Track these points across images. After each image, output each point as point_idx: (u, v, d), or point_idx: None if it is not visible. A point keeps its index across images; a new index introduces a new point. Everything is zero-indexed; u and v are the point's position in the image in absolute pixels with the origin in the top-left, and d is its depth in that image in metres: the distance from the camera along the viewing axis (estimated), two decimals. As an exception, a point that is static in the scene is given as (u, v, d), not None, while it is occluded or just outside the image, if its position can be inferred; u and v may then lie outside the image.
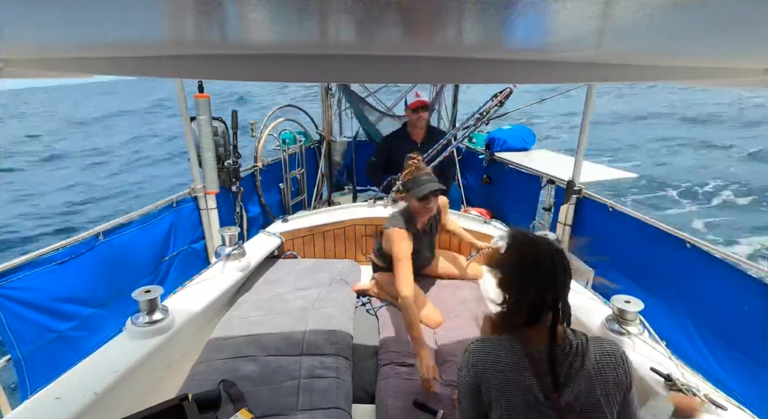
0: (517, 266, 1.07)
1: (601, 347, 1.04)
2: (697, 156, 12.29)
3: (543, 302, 1.02)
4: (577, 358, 1.01)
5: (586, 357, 1.00)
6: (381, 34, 0.76)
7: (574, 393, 0.99)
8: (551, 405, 1.00)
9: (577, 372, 1.00)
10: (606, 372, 1.01)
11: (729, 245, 6.73)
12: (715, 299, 2.04)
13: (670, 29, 0.65)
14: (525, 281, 1.05)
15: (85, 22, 0.64)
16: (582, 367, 1.00)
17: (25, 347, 1.86)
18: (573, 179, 2.86)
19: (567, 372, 1.00)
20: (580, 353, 1.01)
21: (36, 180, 13.62)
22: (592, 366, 1.00)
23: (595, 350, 1.02)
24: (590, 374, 1.00)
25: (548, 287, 1.02)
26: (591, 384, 0.99)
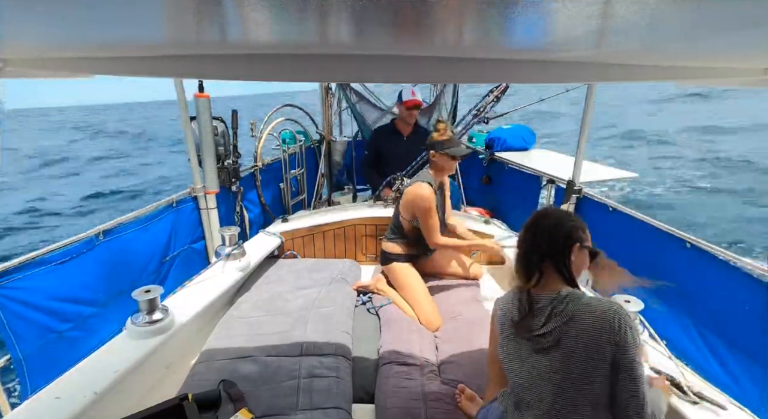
0: (523, 229, 1.28)
1: (593, 302, 1.13)
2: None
3: (530, 261, 1.22)
4: (561, 305, 1.14)
5: (569, 305, 1.12)
6: (381, 34, 0.76)
7: (548, 330, 1.14)
8: (523, 335, 1.21)
9: (557, 314, 1.13)
10: (586, 320, 1.09)
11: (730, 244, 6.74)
12: (716, 299, 2.04)
13: (670, 29, 0.65)
14: (519, 242, 1.28)
15: (86, 22, 0.64)
16: (562, 311, 1.12)
17: (25, 347, 1.86)
18: (573, 178, 2.86)
19: (548, 315, 1.15)
20: (566, 301, 1.13)
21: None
22: (574, 312, 1.11)
23: (586, 303, 1.12)
24: (568, 319, 1.11)
25: (534, 250, 1.22)
26: (567, 326, 1.11)
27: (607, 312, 1.07)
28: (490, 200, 4.14)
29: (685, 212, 8.46)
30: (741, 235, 7.17)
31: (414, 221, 2.46)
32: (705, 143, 14.34)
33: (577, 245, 1.19)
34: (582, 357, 1.08)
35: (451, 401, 1.65)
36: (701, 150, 13.47)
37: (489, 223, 3.05)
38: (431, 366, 1.87)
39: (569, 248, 1.19)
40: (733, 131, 16.15)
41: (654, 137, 16.09)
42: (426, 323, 2.21)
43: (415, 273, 2.48)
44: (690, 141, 14.92)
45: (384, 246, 2.58)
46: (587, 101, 2.71)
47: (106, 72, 1.04)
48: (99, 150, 23.36)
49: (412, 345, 1.98)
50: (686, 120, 18.57)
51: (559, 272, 1.19)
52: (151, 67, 1.00)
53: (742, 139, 14.81)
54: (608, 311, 1.07)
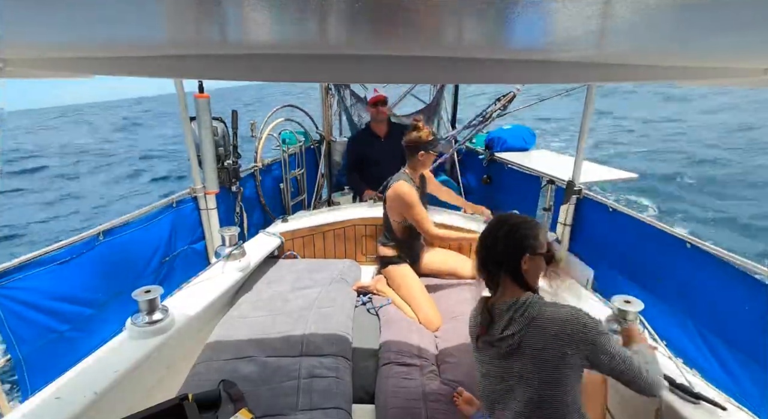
0: (478, 241, 1.34)
1: (554, 308, 1.18)
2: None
3: (488, 271, 1.30)
4: (519, 311, 1.19)
5: (528, 310, 1.18)
6: (381, 34, 0.76)
7: (508, 334, 1.19)
8: (482, 341, 1.28)
9: (516, 319, 1.19)
10: (547, 327, 1.14)
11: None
12: (716, 300, 2.04)
13: (670, 30, 0.65)
14: (478, 254, 1.33)
15: (86, 23, 0.64)
16: (522, 316, 1.18)
17: (25, 347, 1.86)
18: (573, 179, 2.86)
19: (507, 321, 1.20)
20: (524, 307, 1.19)
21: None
22: (533, 316, 1.16)
23: (545, 308, 1.18)
24: (527, 323, 1.17)
25: (490, 259, 1.29)
26: (527, 330, 1.16)
27: (571, 321, 1.13)
28: (490, 200, 4.14)
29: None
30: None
31: (403, 221, 2.49)
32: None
33: (526, 255, 1.24)
34: (547, 361, 1.13)
35: (451, 401, 1.65)
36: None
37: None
38: (431, 365, 1.87)
39: (520, 258, 1.24)
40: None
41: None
42: (426, 323, 2.22)
43: (412, 274, 2.48)
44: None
45: (379, 251, 2.62)
46: (587, 102, 2.71)
47: (106, 72, 1.04)
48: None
49: (412, 345, 1.98)
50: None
51: (516, 281, 1.26)
52: (151, 67, 1.00)
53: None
54: (571, 319, 1.13)
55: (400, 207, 2.44)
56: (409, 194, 2.39)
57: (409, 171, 2.51)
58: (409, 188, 2.40)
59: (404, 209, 2.43)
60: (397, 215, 2.49)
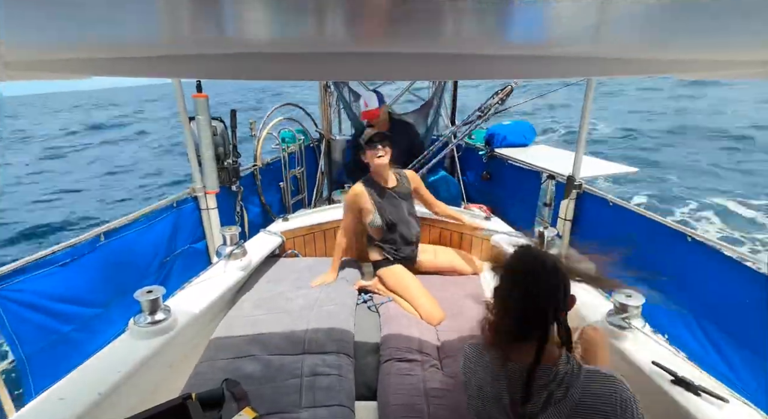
0: (509, 279, 1.04)
1: (594, 384, 0.95)
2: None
3: (528, 319, 0.99)
4: (560, 389, 0.95)
5: (571, 390, 0.94)
6: (379, 31, 0.76)
7: (545, 413, 0.95)
8: (512, 414, 0.99)
9: (555, 402, 0.95)
10: (594, 407, 0.93)
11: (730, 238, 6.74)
12: (717, 293, 2.05)
13: (669, 23, 0.65)
14: (513, 295, 1.02)
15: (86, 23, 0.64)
16: (563, 399, 0.94)
17: (28, 348, 1.86)
18: (573, 174, 2.86)
19: (546, 399, 0.95)
20: (565, 383, 0.95)
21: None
22: (575, 401, 0.94)
23: (585, 386, 0.95)
24: (569, 409, 0.94)
25: (534, 305, 0.98)
26: (569, 408, 0.94)
27: (611, 395, 0.93)
28: (491, 196, 4.14)
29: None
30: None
31: (368, 223, 2.52)
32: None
33: (564, 312, 1.01)
34: None
35: (453, 395, 1.65)
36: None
37: (490, 219, 3.05)
38: (432, 360, 1.88)
39: (556, 311, 0.99)
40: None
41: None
42: (427, 318, 2.22)
43: (405, 272, 2.49)
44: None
45: (368, 254, 2.64)
46: (586, 96, 2.71)
47: (106, 73, 1.04)
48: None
49: (413, 340, 1.98)
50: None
51: (556, 337, 1.00)
52: (151, 67, 1.00)
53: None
54: (611, 394, 0.93)
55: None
56: (346, 198, 2.53)
57: (371, 173, 2.55)
58: (352, 193, 2.50)
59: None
60: (353, 219, 2.57)
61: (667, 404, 1.39)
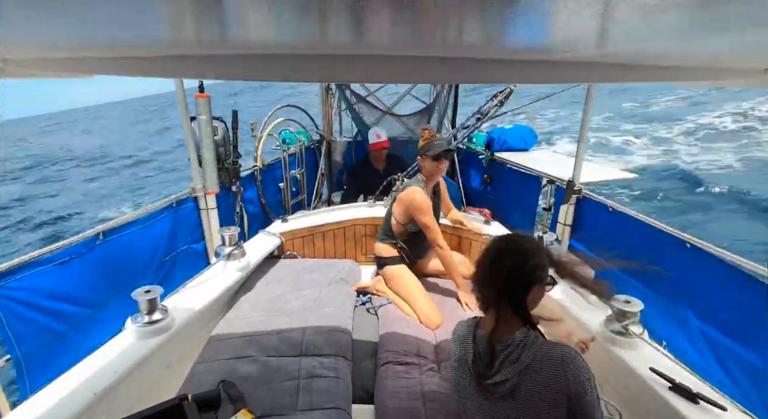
0: (484, 253, 1.20)
1: (546, 350, 1.08)
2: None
3: (488, 296, 1.17)
4: (514, 353, 1.09)
5: (524, 353, 1.08)
6: (381, 34, 0.76)
7: (501, 380, 1.10)
8: (476, 383, 1.16)
9: (508, 364, 1.10)
10: (542, 371, 1.06)
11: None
12: (716, 300, 2.04)
13: (670, 30, 0.65)
14: (477, 273, 1.19)
15: (86, 23, 0.64)
16: (515, 362, 1.09)
17: (25, 347, 1.86)
18: (573, 179, 2.86)
19: (501, 361, 1.11)
20: (519, 348, 1.09)
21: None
22: (528, 362, 1.08)
23: (538, 351, 1.08)
24: (522, 368, 1.08)
25: (492, 285, 1.15)
26: (522, 377, 1.08)
27: (562, 363, 1.05)
28: (491, 200, 4.14)
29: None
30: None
31: (407, 224, 2.48)
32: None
33: (535, 287, 1.14)
34: (537, 407, 1.06)
35: (450, 399, 1.65)
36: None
37: (490, 223, 3.05)
38: (430, 363, 1.87)
39: (528, 290, 1.13)
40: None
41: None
42: (426, 321, 2.22)
43: (410, 274, 2.48)
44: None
45: (377, 249, 2.61)
46: (587, 102, 2.71)
47: (106, 72, 1.04)
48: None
49: (411, 343, 1.98)
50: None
51: (516, 314, 1.14)
52: (151, 67, 1.00)
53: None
54: (562, 361, 1.06)
55: (413, 211, 2.41)
56: (423, 202, 2.38)
57: (423, 178, 2.50)
58: (422, 196, 2.39)
59: (416, 214, 2.40)
60: (404, 216, 2.47)
61: (664, 411, 1.39)
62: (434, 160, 2.41)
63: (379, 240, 2.61)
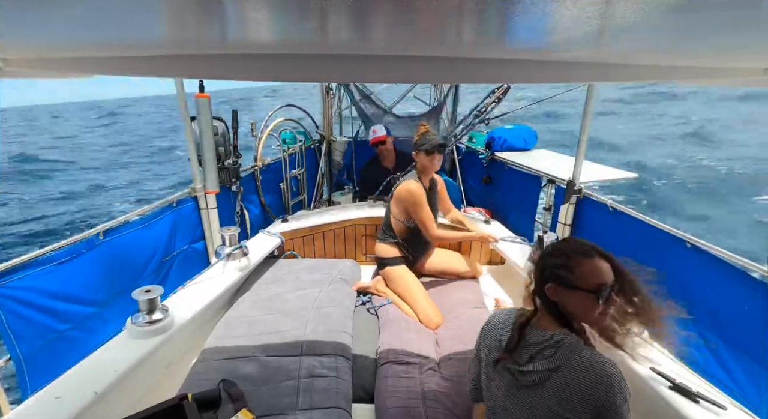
0: (542, 252, 1.20)
1: (589, 359, 1.05)
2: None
3: (532, 292, 1.19)
4: (551, 349, 1.09)
5: (559, 352, 1.07)
6: (381, 34, 0.76)
7: (529, 370, 1.10)
8: (503, 366, 1.17)
9: (544, 357, 1.09)
10: (575, 377, 1.04)
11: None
12: (716, 299, 2.04)
13: (670, 29, 0.65)
14: (536, 265, 1.19)
15: (86, 23, 0.64)
16: (549, 357, 1.08)
17: (25, 346, 1.86)
18: (573, 178, 2.86)
19: (534, 354, 1.10)
20: (557, 346, 1.08)
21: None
22: (561, 362, 1.06)
23: (578, 356, 1.06)
24: (554, 366, 1.07)
25: (540, 276, 1.16)
26: (552, 374, 1.07)
27: (602, 376, 1.02)
28: (491, 200, 4.14)
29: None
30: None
31: (406, 220, 2.50)
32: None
33: (551, 285, 1.11)
34: (563, 407, 1.04)
35: (449, 399, 1.65)
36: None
37: (489, 223, 3.05)
38: (430, 363, 1.87)
39: (543, 285, 1.13)
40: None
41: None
42: (426, 321, 2.22)
43: (410, 274, 2.49)
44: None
45: (377, 249, 2.61)
46: (587, 102, 2.71)
47: (106, 72, 1.04)
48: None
49: (411, 343, 1.98)
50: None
51: (550, 312, 1.14)
52: (152, 67, 1.00)
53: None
54: (603, 375, 1.02)
55: (406, 204, 2.46)
56: (417, 193, 2.42)
57: (418, 172, 2.54)
58: (416, 188, 2.43)
59: (410, 207, 2.44)
60: (401, 212, 2.50)
61: (665, 411, 1.39)
62: (428, 154, 2.45)
63: (379, 240, 2.62)
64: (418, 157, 2.51)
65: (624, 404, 1.01)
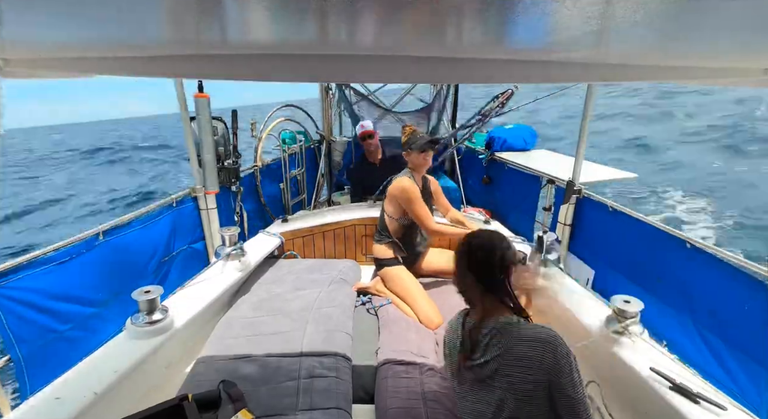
0: (458, 252, 1.33)
1: (528, 333, 1.16)
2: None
3: (465, 286, 1.29)
4: (496, 337, 1.18)
5: (505, 336, 1.17)
6: (380, 34, 0.76)
7: (483, 361, 1.19)
8: (463, 367, 1.27)
9: (493, 345, 1.18)
10: (522, 353, 1.13)
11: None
12: (716, 299, 2.04)
13: (670, 30, 0.65)
14: (455, 270, 1.33)
15: (86, 22, 0.64)
16: (499, 343, 1.17)
17: (25, 347, 1.86)
18: (573, 179, 2.86)
19: (486, 344, 1.20)
20: (500, 331, 1.18)
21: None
22: (510, 345, 1.15)
23: (521, 333, 1.16)
24: (503, 351, 1.16)
25: (464, 276, 1.28)
26: (503, 359, 1.15)
27: (541, 344, 1.12)
28: (490, 200, 4.14)
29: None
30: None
31: (401, 218, 2.51)
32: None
33: (512, 267, 1.23)
34: (523, 389, 1.13)
35: (450, 399, 1.65)
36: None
37: (489, 223, 3.05)
38: (430, 363, 1.87)
39: (506, 273, 1.24)
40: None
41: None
42: (426, 322, 2.22)
43: (408, 274, 2.49)
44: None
45: (374, 250, 2.62)
46: (587, 102, 2.71)
47: (106, 72, 1.04)
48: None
49: (411, 344, 1.98)
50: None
51: (502, 302, 1.24)
52: (151, 67, 1.00)
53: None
54: (541, 342, 1.12)
55: (400, 201, 2.47)
56: (411, 189, 2.43)
57: (411, 171, 2.55)
58: (410, 184, 2.44)
59: (405, 204, 2.45)
60: (396, 211, 2.51)
61: (664, 411, 1.39)
62: (421, 152, 2.48)
63: (375, 241, 2.62)
64: (410, 156, 2.52)
65: (568, 363, 1.11)
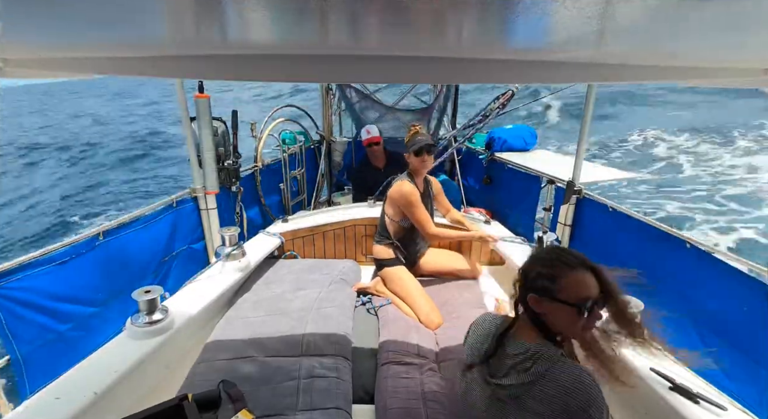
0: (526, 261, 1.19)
1: (563, 372, 1.02)
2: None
3: (518, 296, 1.15)
4: (528, 362, 1.05)
5: (536, 366, 1.04)
6: (381, 34, 0.76)
7: (506, 384, 1.07)
8: (483, 378, 1.16)
9: (520, 371, 1.06)
10: (549, 391, 1.01)
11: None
12: (715, 300, 2.04)
13: (669, 29, 0.65)
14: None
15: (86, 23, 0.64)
16: (527, 370, 1.05)
17: (25, 347, 1.86)
18: (573, 179, 2.86)
19: (512, 366, 1.08)
20: (534, 359, 1.05)
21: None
22: (537, 378, 1.03)
23: (556, 369, 1.02)
24: (529, 381, 1.04)
25: (521, 285, 1.15)
26: (527, 389, 1.04)
27: (572, 388, 0.99)
28: (491, 200, 4.14)
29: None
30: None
31: (401, 221, 2.51)
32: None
33: (532, 296, 1.08)
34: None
35: (450, 399, 1.65)
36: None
37: (489, 223, 3.05)
38: (430, 363, 1.87)
39: (525, 295, 1.10)
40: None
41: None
42: (426, 321, 2.22)
43: (408, 275, 2.49)
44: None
45: (374, 251, 2.62)
46: (587, 102, 2.71)
47: (106, 72, 1.04)
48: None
49: (411, 344, 1.98)
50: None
51: (533, 323, 1.10)
52: (152, 67, 1.00)
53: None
54: (573, 386, 0.99)
55: (400, 205, 2.46)
56: (411, 193, 2.42)
57: (411, 174, 2.55)
58: (409, 188, 2.44)
59: (405, 208, 2.44)
60: (396, 213, 2.50)
61: (665, 411, 1.39)
62: (416, 155, 2.46)
63: (375, 242, 2.62)
64: (409, 158, 2.52)
65: (597, 414, 0.98)
